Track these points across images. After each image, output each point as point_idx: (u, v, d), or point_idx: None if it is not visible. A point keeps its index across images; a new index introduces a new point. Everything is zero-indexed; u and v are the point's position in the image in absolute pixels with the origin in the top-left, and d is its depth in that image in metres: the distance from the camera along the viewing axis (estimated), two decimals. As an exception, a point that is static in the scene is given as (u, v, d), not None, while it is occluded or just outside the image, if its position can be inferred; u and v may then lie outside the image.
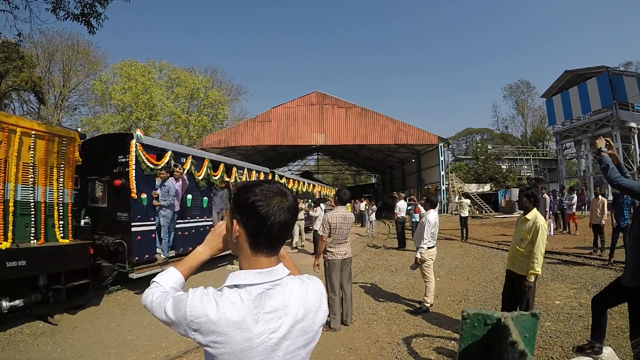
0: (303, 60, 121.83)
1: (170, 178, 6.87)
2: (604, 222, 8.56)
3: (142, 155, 6.40)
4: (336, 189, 27.21)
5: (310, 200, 15.16)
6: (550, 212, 11.71)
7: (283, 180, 13.85)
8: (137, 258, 6.24)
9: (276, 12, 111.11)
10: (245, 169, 10.60)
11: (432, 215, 5.17)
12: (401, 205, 11.85)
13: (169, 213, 6.83)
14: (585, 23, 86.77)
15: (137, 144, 6.30)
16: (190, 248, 7.27)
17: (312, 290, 0.97)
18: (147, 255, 6.52)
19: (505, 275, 3.97)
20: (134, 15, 75.42)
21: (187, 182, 7.52)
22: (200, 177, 8.20)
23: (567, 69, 27.89)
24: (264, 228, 0.90)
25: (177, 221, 7.31)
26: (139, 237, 6.33)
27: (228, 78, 65.86)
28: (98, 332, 4.62)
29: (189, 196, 7.81)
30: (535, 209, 3.71)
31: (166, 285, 1.01)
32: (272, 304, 0.88)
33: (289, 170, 45.75)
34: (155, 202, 6.68)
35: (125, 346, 4.18)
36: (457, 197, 21.46)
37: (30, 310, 4.98)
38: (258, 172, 11.41)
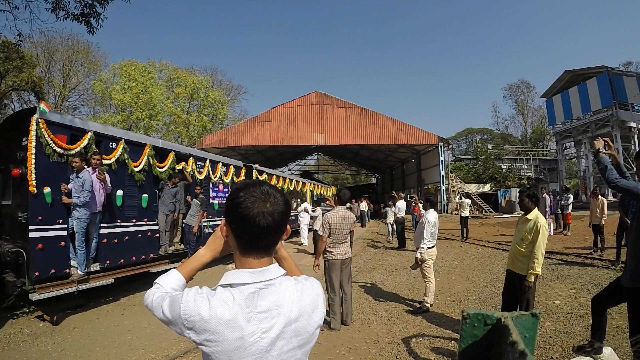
0: (303, 60, 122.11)
1: (87, 168, 5.26)
2: (603, 222, 8.56)
3: (46, 136, 4.89)
4: (333, 187, 26.82)
5: (298, 200, 14.97)
6: (550, 212, 11.73)
7: (264, 177, 12.11)
8: (37, 273, 4.71)
9: (276, 12, 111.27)
10: (208, 161, 8.78)
11: (432, 215, 5.17)
12: (401, 205, 11.85)
13: (84, 214, 5.20)
14: (585, 23, 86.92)
15: (39, 120, 4.83)
16: (122, 260, 6.04)
17: (307, 291, 0.96)
18: (53, 270, 4.92)
19: (506, 275, 3.97)
20: (134, 15, 75.55)
21: (107, 175, 5.64)
22: (138, 169, 6.39)
23: (567, 69, 27.89)
24: (246, 231, 0.91)
25: (103, 225, 5.72)
26: (39, 245, 4.74)
27: (228, 78, 65.95)
28: (98, 332, 4.62)
29: (119, 192, 6.02)
30: (536, 209, 3.71)
31: (167, 286, 1.03)
32: (264, 304, 0.88)
33: (289, 170, 45.75)
34: (65, 199, 5.10)
35: (125, 346, 4.18)
36: (457, 197, 21.47)
37: (31, 310, 4.99)
38: (227, 165, 9.82)
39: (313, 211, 10.96)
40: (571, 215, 12.61)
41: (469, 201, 13.42)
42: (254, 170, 11.73)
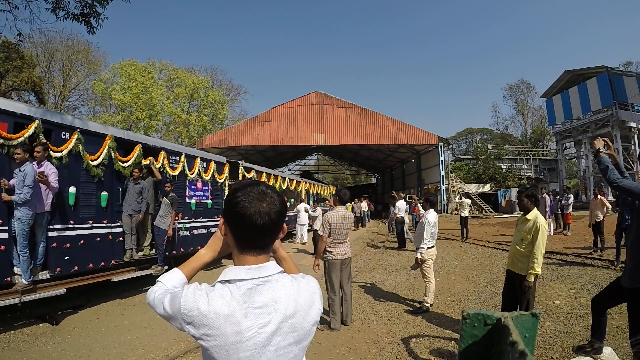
0: (303, 60, 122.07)
1: (29, 162, 4.60)
2: (601, 216, 8.60)
3: None
4: (331, 186, 26.26)
5: (292, 200, 14.85)
6: (550, 212, 11.74)
7: (252, 174, 11.33)
8: None
9: (276, 12, 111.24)
10: (183, 156, 7.72)
11: (432, 215, 5.17)
12: (400, 205, 11.86)
13: (26, 214, 4.53)
14: (585, 23, 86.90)
15: None
16: (77, 267, 5.22)
17: (303, 288, 0.98)
18: None
19: (506, 275, 3.98)
20: (134, 15, 75.54)
21: (55, 169, 4.90)
22: (96, 163, 5.60)
23: (567, 69, 27.86)
24: (243, 230, 0.94)
25: (52, 226, 5.01)
26: None
27: (228, 78, 65.91)
28: (98, 332, 4.62)
29: (72, 190, 5.23)
30: (535, 209, 3.71)
31: (169, 284, 1.05)
32: (261, 300, 0.90)
33: (289, 170, 45.76)
34: (4, 197, 4.45)
35: (125, 346, 4.18)
36: (457, 197, 21.46)
37: (31, 310, 4.98)
38: (207, 161, 8.73)
39: (313, 211, 10.96)
40: (571, 215, 12.62)
41: (469, 201, 13.42)
42: (240, 168, 10.83)
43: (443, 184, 25.18)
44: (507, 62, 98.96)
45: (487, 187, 30.87)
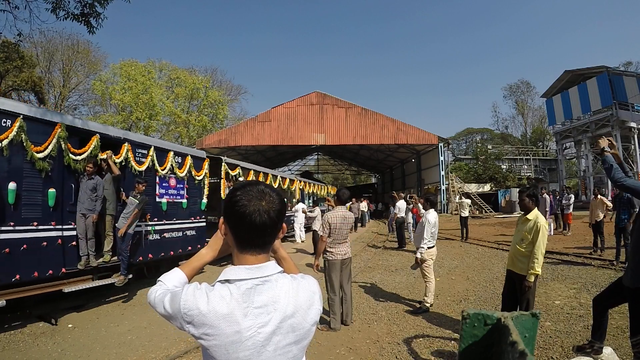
0: (303, 60, 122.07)
1: None
2: (602, 216, 8.60)
3: None
4: (330, 186, 25.70)
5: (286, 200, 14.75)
6: (550, 212, 11.74)
7: (237, 171, 10.22)
8: None
9: (276, 12, 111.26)
10: (152, 149, 6.76)
11: (432, 215, 5.17)
12: (401, 205, 11.86)
13: None
14: (585, 23, 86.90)
15: None
16: (18, 276, 4.52)
17: (303, 288, 0.99)
18: None
19: (506, 275, 3.97)
20: (134, 15, 75.53)
21: None
22: (42, 155, 4.86)
23: (567, 69, 27.87)
24: (243, 228, 0.94)
25: None
26: None
27: (228, 78, 65.90)
28: (98, 332, 4.62)
29: (12, 186, 4.54)
30: (536, 209, 3.71)
31: (169, 284, 1.05)
32: (261, 299, 0.91)
33: (289, 170, 45.75)
34: None
35: (125, 346, 4.18)
36: (457, 197, 21.46)
37: (31, 310, 4.98)
38: (182, 155, 7.69)
39: (310, 211, 10.92)
40: (571, 215, 12.62)
41: (469, 201, 13.42)
42: (223, 164, 9.59)
43: (443, 184, 25.17)
44: (507, 62, 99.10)
45: (487, 187, 30.87)
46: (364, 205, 22.21)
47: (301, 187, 16.77)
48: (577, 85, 27.00)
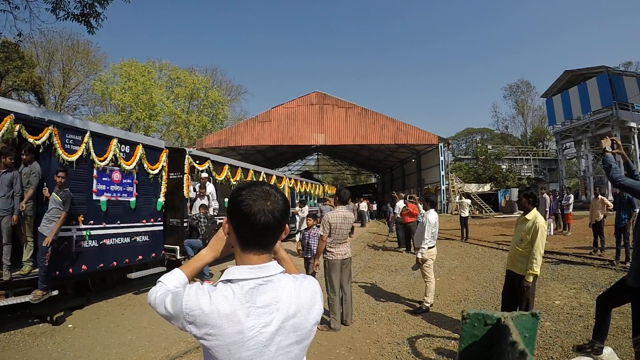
0: (303, 60, 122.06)
1: None
2: (602, 215, 8.61)
3: None
4: (328, 186, 25.18)
5: None
6: (550, 212, 11.74)
7: (206, 165, 8.49)
8: None
9: (276, 12, 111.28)
10: (88, 134, 5.42)
11: (432, 215, 5.17)
12: (401, 206, 11.86)
13: None
14: (585, 23, 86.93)
15: None
16: None
17: (305, 288, 0.99)
18: None
19: (505, 275, 3.98)
20: (134, 15, 75.56)
21: None
22: None
23: (567, 69, 27.87)
24: (247, 228, 0.94)
25: None
26: None
27: (228, 78, 66.02)
28: (98, 332, 4.62)
29: None
30: (535, 209, 3.71)
31: (170, 284, 1.05)
32: (263, 299, 0.91)
33: (289, 170, 45.73)
34: None
35: (125, 346, 4.18)
36: (457, 197, 21.46)
37: (31, 310, 4.98)
38: (131, 144, 6.26)
39: (302, 212, 10.82)
40: (571, 215, 12.62)
41: (469, 201, 13.42)
42: (187, 157, 7.67)
43: (443, 184, 25.17)
44: (507, 62, 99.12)
45: (487, 187, 30.87)
46: (363, 206, 22.20)
47: (290, 186, 14.72)
48: (577, 85, 27.00)
